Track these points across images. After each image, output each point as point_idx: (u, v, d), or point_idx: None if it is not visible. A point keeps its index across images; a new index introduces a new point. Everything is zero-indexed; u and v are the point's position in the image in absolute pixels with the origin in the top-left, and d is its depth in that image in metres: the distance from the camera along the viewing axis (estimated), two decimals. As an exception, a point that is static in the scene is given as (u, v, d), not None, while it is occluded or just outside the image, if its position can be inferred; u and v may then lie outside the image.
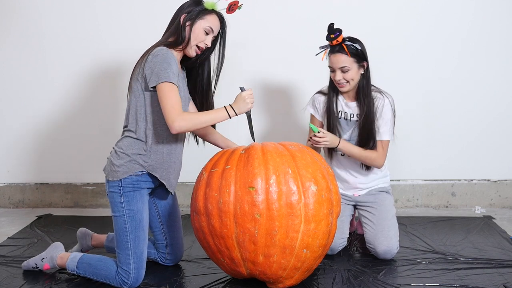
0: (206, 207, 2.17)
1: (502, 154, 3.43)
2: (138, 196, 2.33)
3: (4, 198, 3.64)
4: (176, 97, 2.20)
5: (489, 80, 3.36)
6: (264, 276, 2.20)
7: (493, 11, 3.29)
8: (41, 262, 2.48)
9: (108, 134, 3.44)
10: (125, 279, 2.30)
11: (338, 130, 2.69)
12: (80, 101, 3.49)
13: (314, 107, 2.77)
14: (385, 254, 2.58)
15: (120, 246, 2.32)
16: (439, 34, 3.32)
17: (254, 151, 2.19)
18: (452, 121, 3.41)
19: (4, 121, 3.56)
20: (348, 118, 2.68)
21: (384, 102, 2.63)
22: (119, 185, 2.31)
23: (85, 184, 3.61)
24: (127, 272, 2.30)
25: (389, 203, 2.72)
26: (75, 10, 3.41)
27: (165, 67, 2.20)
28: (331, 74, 2.63)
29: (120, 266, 2.32)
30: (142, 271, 2.34)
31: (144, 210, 2.36)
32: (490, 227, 3.04)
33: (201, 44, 2.34)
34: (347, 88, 2.61)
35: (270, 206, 2.08)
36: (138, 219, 2.33)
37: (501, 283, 2.31)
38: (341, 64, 2.55)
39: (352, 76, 2.57)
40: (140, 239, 2.33)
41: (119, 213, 2.32)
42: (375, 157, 2.64)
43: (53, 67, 3.47)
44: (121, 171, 2.30)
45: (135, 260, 2.31)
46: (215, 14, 2.35)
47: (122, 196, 2.31)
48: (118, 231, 2.32)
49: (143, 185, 2.35)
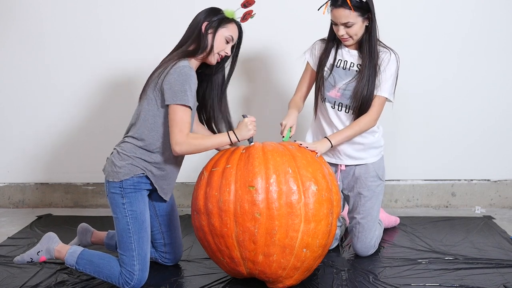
0: (207, 206, 2.17)
1: (502, 154, 3.43)
2: (139, 197, 2.34)
3: (4, 198, 3.64)
4: (187, 121, 2.23)
5: (489, 80, 3.36)
6: (263, 275, 2.20)
7: (494, 11, 3.29)
8: (37, 255, 2.43)
9: (108, 134, 3.44)
10: (129, 280, 2.30)
11: (334, 78, 2.52)
12: (80, 101, 3.49)
13: (312, 53, 2.62)
14: (362, 254, 2.65)
15: (123, 247, 2.31)
16: (440, 34, 3.32)
17: (254, 150, 2.20)
18: (452, 121, 3.41)
19: (4, 121, 3.56)
20: (347, 67, 2.52)
21: (390, 57, 2.48)
22: (120, 186, 2.31)
23: (85, 184, 3.61)
24: (131, 273, 2.29)
25: (376, 210, 2.64)
26: (78, 12, 3.40)
27: (186, 88, 2.21)
28: (334, 27, 2.47)
29: (124, 267, 2.31)
30: (146, 273, 2.34)
31: (146, 211, 2.36)
32: (490, 227, 3.04)
33: (222, 52, 2.36)
34: (351, 42, 2.47)
35: (270, 205, 2.08)
36: (141, 220, 2.33)
37: (501, 283, 2.31)
38: (344, 19, 2.38)
39: (356, 31, 2.41)
40: (144, 240, 2.33)
41: (121, 214, 2.31)
42: (368, 120, 2.48)
43: (53, 68, 3.47)
44: (123, 172, 2.30)
45: (139, 261, 2.30)
46: (235, 23, 2.38)
47: (124, 197, 2.31)
48: (121, 232, 2.31)
49: (143, 187, 2.36)
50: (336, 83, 2.53)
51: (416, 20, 3.32)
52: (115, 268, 2.32)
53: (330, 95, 2.55)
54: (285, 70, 3.40)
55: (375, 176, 2.62)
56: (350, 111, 2.53)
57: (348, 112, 2.54)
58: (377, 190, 2.63)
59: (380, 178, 2.64)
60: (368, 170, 2.61)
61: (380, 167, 2.65)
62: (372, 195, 2.61)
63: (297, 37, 3.27)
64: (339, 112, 2.55)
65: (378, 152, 2.65)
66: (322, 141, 2.46)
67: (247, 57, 3.33)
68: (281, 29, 3.36)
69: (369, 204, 2.61)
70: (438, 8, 3.30)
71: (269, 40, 3.37)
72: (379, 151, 2.65)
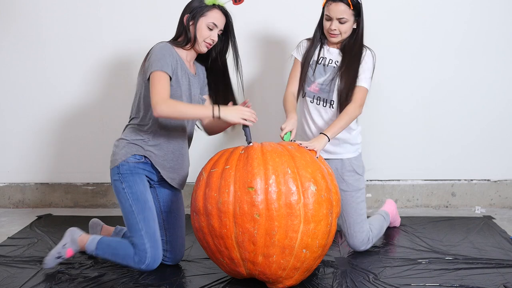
0: (206, 207, 2.17)
1: (502, 154, 3.43)
2: (138, 179, 2.40)
3: (4, 198, 3.64)
4: (164, 84, 2.28)
5: (488, 80, 3.36)
6: (263, 276, 2.20)
7: (492, 10, 3.29)
8: (63, 249, 2.47)
9: (108, 134, 3.44)
10: (143, 259, 2.33)
11: (315, 74, 2.62)
12: (80, 101, 3.49)
13: (299, 51, 2.69)
14: (356, 249, 2.68)
15: (132, 229, 2.37)
16: (438, 33, 3.32)
17: (253, 151, 2.20)
18: (452, 121, 3.40)
19: (4, 121, 3.56)
20: (326, 64, 2.62)
21: (366, 52, 2.59)
22: (118, 172, 2.38)
23: (85, 184, 3.61)
24: (143, 252, 2.33)
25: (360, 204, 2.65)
26: (77, 10, 3.40)
27: (159, 57, 2.30)
28: (325, 22, 2.55)
29: (136, 248, 2.35)
30: (159, 251, 2.37)
31: (147, 192, 2.41)
32: (490, 227, 3.04)
33: (208, 40, 2.41)
34: (338, 39, 2.56)
35: (269, 206, 2.08)
36: (143, 200, 2.38)
37: (501, 283, 2.31)
38: (341, 14, 2.48)
39: (346, 28, 2.52)
40: (150, 218, 2.37)
41: (123, 198, 2.38)
42: (353, 107, 2.52)
43: (53, 67, 3.47)
44: (120, 154, 2.39)
45: (148, 239, 2.34)
46: (217, 9, 2.40)
47: (123, 182, 2.38)
48: (127, 215, 2.37)
49: (141, 172, 2.42)
50: (316, 79, 2.63)
51: (414, 19, 3.32)
52: (130, 250, 2.36)
53: (309, 90, 2.64)
54: (285, 69, 3.40)
55: (352, 171, 2.67)
56: (327, 105, 2.62)
57: (325, 106, 2.62)
58: (355, 184, 2.66)
59: (358, 172, 2.68)
60: (344, 165, 2.67)
61: (358, 163, 2.69)
62: (351, 189, 2.65)
63: (298, 34, 3.26)
64: (318, 106, 2.64)
65: (355, 149, 2.70)
66: (319, 137, 2.46)
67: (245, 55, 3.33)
68: (282, 26, 3.36)
69: (349, 197, 2.64)
70: (436, 8, 3.30)
71: (269, 36, 3.37)
72: (356, 148, 2.70)
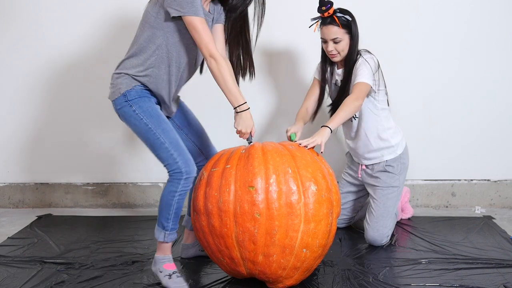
0: (206, 206, 2.17)
1: (502, 154, 3.43)
2: (146, 100, 2.32)
3: (4, 198, 3.65)
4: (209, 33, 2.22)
5: (489, 80, 3.36)
6: (263, 275, 2.20)
7: (492, 12, 3.29)
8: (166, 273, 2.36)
9: (108, 134, 3.44)
10: (177, 171, 2.26)
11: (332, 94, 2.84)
12: (80, 101, 3.50)
13: (319, 72, 2.86)
14: (373, 242, 2.78)
15: (155, 147, 2.28)
16: (439, 35, 3.32)
17: (254, 150, 2.20)
18: (452, 121, 3.41)
19: (4, 121, 3.56)
20: (338, 84, 2.80)
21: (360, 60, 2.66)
22: (126, 99, 2.30)
23: (85, 184, 3.61)
24: (175, 163, 2.26)
25: (392, 201, 2.80)
26: (78, 10, 3.40)
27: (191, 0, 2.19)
28: (323, 45, 2.73)
29: (167, 165, 2.28)
30: (188, 156, 2.28)
31: (158, 109, 2.34)
32: (490, 227, 3.04)
33: None
34: (338, 59, 2.72)
35: (270, 205, 2.08)
36: (157, 115, 2.30)
37: (501, 283, 2.31)
38: (333, 35, 2.64)
39: (343, 47, 2.67)
40: (168, 129, 2.29)
41: (136, 120, 2.29)
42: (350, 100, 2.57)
43: (53, 66, 3.47)
44: (125, 83, 2.30)
45: (175, 149, 2.26)
46: None
47: (132, 105, 2.29)
48: (146, 134, 2.28)
49: (148, 95, 2.34)
50: (333, 99, 2.85)
51: (415, 21, 3.32)
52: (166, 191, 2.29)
53: None
54: (288, 71, 3.41)
55: (383, 171, 2.82)
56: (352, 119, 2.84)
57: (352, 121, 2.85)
58: (387, 181, 2.80)
59: (389, 171, 2.81)
60: (379, 165, 2.83)
61: (394, 163, 2.81)
62: (383, 185, 2.80)
63: (305, 40, 3.27)
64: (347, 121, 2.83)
65: (391, 151, 2.82)
66: (321, 130, 2.49)
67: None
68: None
69: (379, 191, 2.80)
70: (437, 9, 3.30)
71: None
72: (391, 150, 2.82)
